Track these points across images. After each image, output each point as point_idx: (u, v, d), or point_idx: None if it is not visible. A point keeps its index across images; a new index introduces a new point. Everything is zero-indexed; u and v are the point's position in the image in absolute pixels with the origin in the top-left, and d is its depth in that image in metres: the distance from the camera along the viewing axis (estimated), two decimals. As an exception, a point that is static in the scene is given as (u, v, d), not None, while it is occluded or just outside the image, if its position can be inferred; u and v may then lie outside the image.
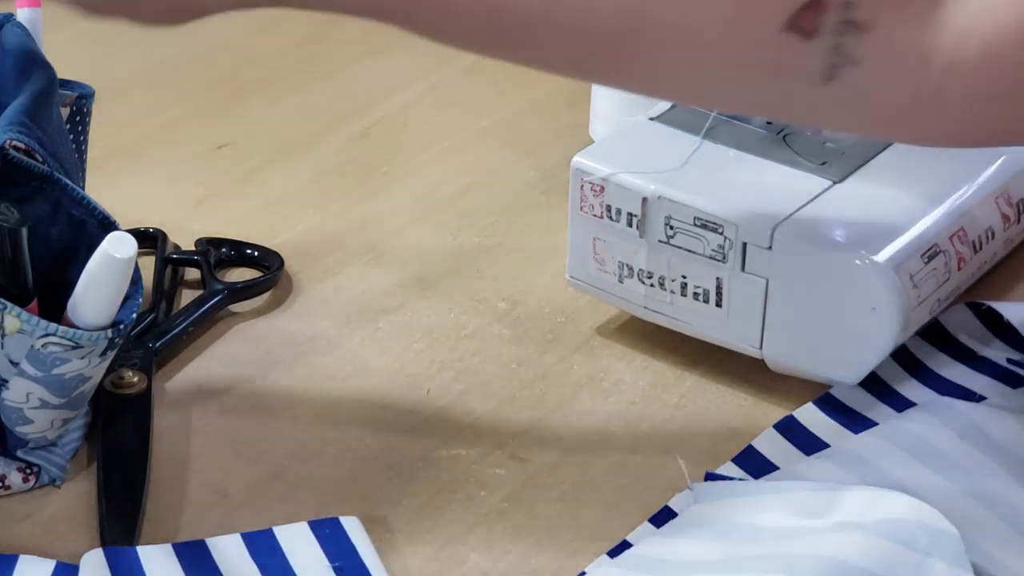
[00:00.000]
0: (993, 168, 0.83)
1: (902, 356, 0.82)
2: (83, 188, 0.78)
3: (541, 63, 0.70)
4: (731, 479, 0.74)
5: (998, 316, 0.82)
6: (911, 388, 0.80)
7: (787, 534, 0.68)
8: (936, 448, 0.74)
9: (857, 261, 0.76)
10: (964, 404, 0.77)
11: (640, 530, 0.71)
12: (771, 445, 0.76)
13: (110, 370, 0.77)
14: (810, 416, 0.78)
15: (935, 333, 0.83)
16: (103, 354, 0.70)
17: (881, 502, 0.68)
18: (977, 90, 0.65)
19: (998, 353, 0.82)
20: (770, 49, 0.65)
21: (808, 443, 0.77)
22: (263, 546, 0.70)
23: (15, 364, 0.69)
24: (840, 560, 0.65)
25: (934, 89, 0.65)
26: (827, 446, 0.76)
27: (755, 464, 0.75)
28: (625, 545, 0.71)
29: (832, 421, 0.78)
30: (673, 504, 0.73)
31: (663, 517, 0.72)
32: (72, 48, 1.08)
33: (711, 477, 0.74)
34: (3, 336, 0.68)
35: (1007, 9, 0.63)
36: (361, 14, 0.68)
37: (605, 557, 0.70)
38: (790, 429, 0.77)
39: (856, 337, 0.77)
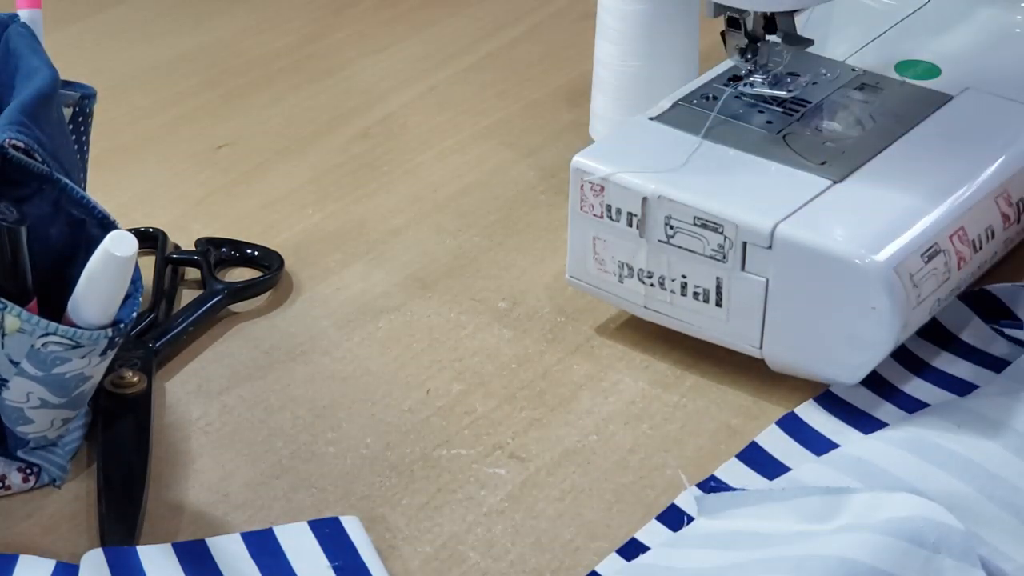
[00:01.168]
0: (993, 167, 0.83)
1: (902, 354, 0.82)
2: (84, 188, 0.78)
3: None
4: (734, 490, 0.73)
5: (991, 298, 0.82)
6: (912, 385, 0.80)
7: (795, 538, 0.68)
8: (942, 446, 0.73)
9: (857, 261, 0.76)
10: (972, 401, 0.77)
11: (648, 528, 0.71)
12: (774, 442, 0.77)
13: (110, 370, 0.77)
14: (812, 413, 0.78)
15: (935, 332, 0.83)
16: (103, 353, 0.70)
17: (886, 503, 0.68)
18: None
19: (999, 346, 0.82)
20: None
21: (811, 439, 0.77)
22: (263, 546, 0.70)
23: (15, 364, 0.69)
24: (849, 559, 0.65)
25: None
26: (829, 442, 0.76)
27: (759, 461, 0.75)
28: (633, 543, 0.71)
29: (834, 418, 0.78)
30: (679, 502, 0.73)
31: (670, 515, 0.72)
32: (72, 48, 1.08)
33: (714, 485, 0.74)
34: (3, 336, 0.68)
35: None
36: None
37: (615, 556, 0.70)
38: (793, 426, 0.78)
39: (856, 337, 0.77)
